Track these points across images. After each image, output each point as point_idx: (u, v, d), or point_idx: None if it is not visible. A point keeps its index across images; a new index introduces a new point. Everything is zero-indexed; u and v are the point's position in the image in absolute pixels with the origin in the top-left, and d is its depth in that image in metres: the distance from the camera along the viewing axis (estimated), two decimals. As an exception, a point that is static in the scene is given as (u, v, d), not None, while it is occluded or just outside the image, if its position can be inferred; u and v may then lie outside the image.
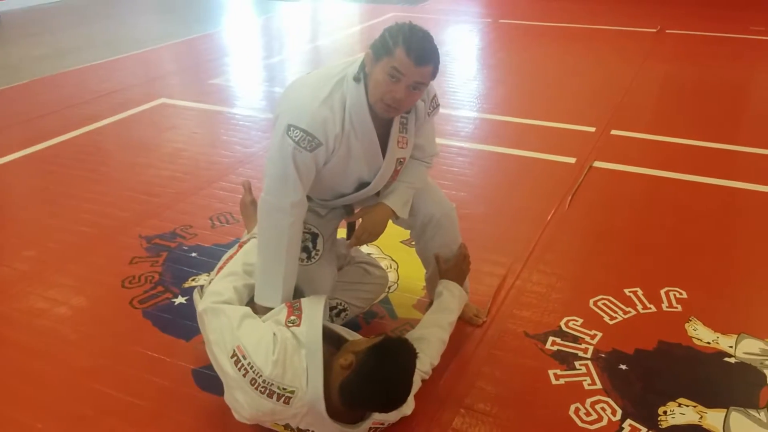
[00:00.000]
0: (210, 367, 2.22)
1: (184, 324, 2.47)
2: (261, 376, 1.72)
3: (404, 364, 1.80)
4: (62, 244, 3.07)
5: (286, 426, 1.82)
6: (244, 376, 1.74)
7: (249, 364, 1.74)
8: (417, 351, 1.84)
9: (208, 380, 2.18)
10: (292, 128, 1.87)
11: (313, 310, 1.89)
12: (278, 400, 1.73)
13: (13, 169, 3.97)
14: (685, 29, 7.42)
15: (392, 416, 1.91)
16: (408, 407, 1.96)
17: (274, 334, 1.78)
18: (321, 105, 1.89)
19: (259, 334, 1.79)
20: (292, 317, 1.87)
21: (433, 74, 1.89)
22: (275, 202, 1.94)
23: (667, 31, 7.38)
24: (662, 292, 2.69)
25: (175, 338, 2.42)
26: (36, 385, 2.20)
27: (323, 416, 1.75)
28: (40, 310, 2.58)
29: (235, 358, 1.76)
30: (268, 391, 1.72)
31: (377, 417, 1.86)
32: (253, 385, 1.73)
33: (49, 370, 2.27)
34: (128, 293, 2.69)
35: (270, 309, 1.97)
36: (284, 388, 1.72)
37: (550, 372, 2.25)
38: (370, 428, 1.88)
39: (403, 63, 1.81)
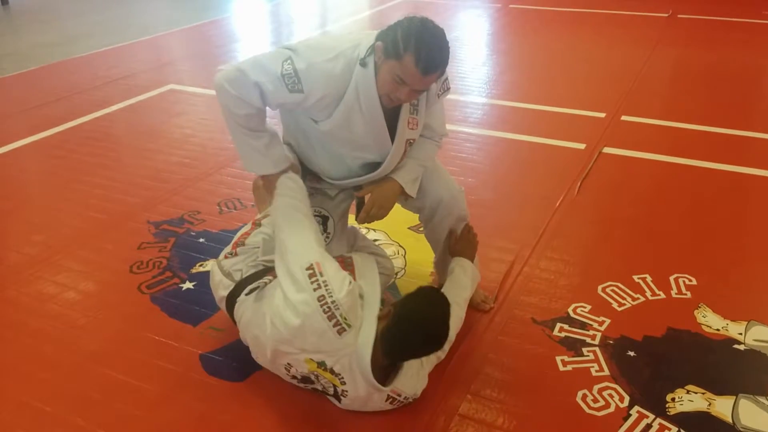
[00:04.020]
0: (217, 351, 2.24)
1: (191, 309, 2.48)
2: (332, 296, 1.77)
3: (440, 304, 1.89)
4: (71, 229, 3.08)
5: (320, 364, 1.85)
6: (315, 290, 1.78)
7: (324, 281, 1.79)
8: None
9: (216, 365, 2.19)
10: (290, 61, 1.91)
11: (368, 268, 2.03)
12: (335, 326, 1.78)
13: (22, 155, 3.98)
14: (697, 14, 7.33)
15: (408, 387, 1.94)
16: (423, 381, 2.00)
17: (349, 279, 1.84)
18: (323, 62, 1.92)
19: (337, 267, 1.86)
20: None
21: (440, 76, 1.95)
22: (228, 90, 1.94)
23: (678, 15, 7.29)
24: (671, 278, 2.67)
25: (183, 323, 2.42)
26: (44, 368, 2.22)
27: (363, 365, 1.80)
28: (49, 295, 2.59)
29: (311, 271, 1.81)
30: (330, 312, 1.77)
31: (397, 385, 1.90)
32: (320, 301, 1.77)
33: (57, 354, 2.28)
34: (136, 278, 2.70)
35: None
36: (345, 318, 1.78)
37: (558, 358, 2.24)
38: (388, 396, 1.91)
39: (410, 72, 1.83)
